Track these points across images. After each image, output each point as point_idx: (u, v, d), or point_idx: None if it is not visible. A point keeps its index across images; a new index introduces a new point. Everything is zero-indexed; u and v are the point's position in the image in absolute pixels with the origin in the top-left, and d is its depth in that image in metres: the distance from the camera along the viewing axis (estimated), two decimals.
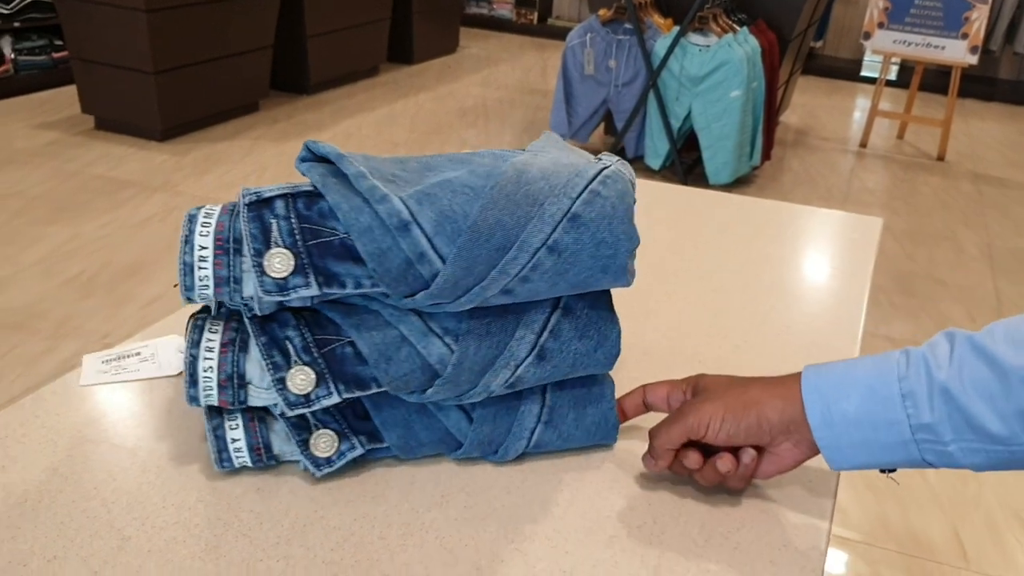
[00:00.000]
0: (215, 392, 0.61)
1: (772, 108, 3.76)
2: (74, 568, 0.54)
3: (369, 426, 0.65)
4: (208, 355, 0.61)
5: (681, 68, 3.53)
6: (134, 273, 2.71)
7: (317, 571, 0.56)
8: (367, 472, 0.65)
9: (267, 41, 4.22)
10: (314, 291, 0.59)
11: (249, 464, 0.63)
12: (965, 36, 4.06)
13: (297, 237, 0.59)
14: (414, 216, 0.59)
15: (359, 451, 0.64)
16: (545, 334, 0.65)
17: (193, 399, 0.61)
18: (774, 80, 3.68)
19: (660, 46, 3.56)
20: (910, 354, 0.60)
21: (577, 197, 0.61)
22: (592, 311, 0.67)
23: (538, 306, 0.65)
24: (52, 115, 4.13)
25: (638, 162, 3.92)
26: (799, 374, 0.63)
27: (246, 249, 0.59)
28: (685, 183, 3.56)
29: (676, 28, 3.53)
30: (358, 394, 0.63)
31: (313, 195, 0.60)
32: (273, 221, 0.59)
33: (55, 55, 4.54)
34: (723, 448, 0.64)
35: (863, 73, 6.09)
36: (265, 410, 0.64)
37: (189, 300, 0.60)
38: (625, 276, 0.64)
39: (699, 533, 0.61)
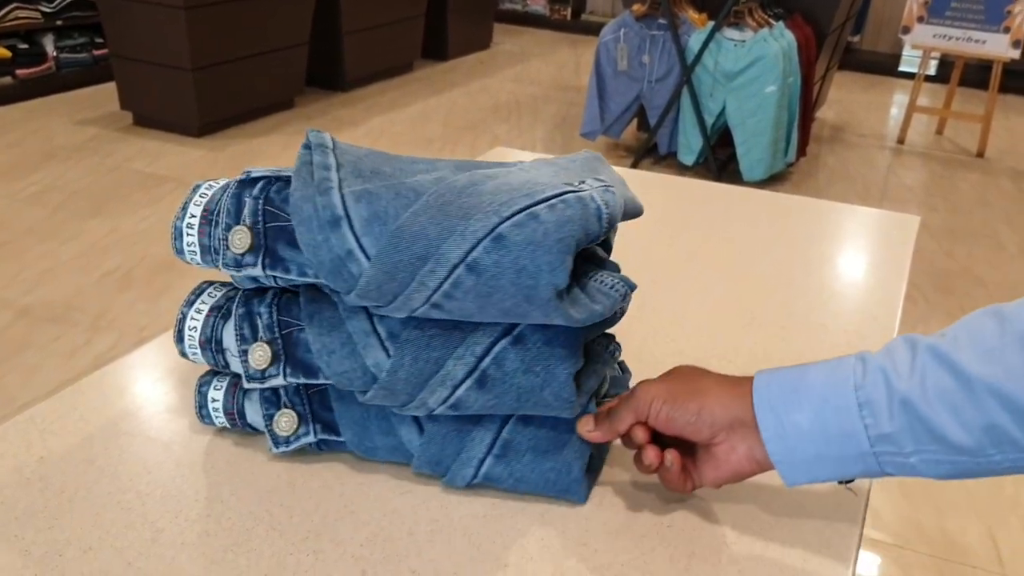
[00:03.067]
0: (198, 352, 0.66)
1: (808, 104, 3.72)
2: (108, 559, 0.55)
3: (330, 416, 0.66)
4: (195, 316, 0.66)
5: (715, 63, 3.50)
6: (171, 267, 2.75)
7: (346, 566, 0.56)
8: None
9: (303, 38, 4.25)
10: (258, 271, 0.62)
11: (227, 425, 0.67)
12: (1007, 30, 3.99)
13: (259, 218, 0.62)
14: (347, 212, 0.59)
15: (311, 438, 0.65)
16: (487, 360, 0.61)
17: (182, 354, 0.66)
18: (810, 75, 3.64)
19: (694, 41, 3.54)
20: (867, 361, 0.57)
21: (510, 217, 0.57)
22: (546, 347, 0.61)
23: (486, 329, 0.61)
24: (92, 111, 4.19)
25: (671, 158, 3.90)
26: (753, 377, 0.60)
27: (222, 223, 0.63)
28: (719, 180, 3.53)
29: (711, 23, 3.50)
30: (304, 380, 0.64)
31: (290, 180, 0.63)
32: (248, 200, 0.62)
33: (96, 52, 4.61)
34: (672, 439, 0.62)
35: (901, 68, 6.00)
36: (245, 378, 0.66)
37: (180, 258, 0.65)
38: (557, 312, 0.58)
39: (730, 532, 0.61)
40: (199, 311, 0.66)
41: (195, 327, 0.65)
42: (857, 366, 0.57)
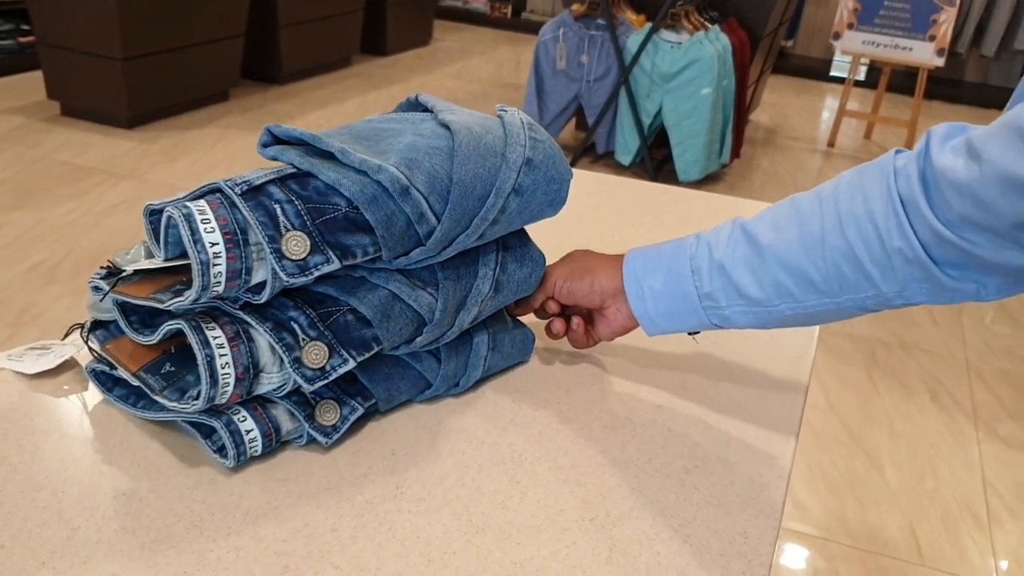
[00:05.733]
0: (231, 388, 0.61)
1: (742, 106, 3.79)
2: (20, 558, 0.54)
3: (358, 387, 0.69)
4: (222, 352, 0.60)
5: (653, 65, 3.54)
6: (99, 261, 2.68)
7: (268, 562, 0.56)
8: (321, 463, 0.65)
9: (239, 30, 4.18)
10: (335, 265, 0.62)
11: (259, 452, 0.65)
12: (932, 38, 4.12)
13: (306, 218, 0.60)
14: (410, 180, 0.64)
15: (360, 411, 0.68)
16: (498, 270, 0.74)
17: (211, 399, 0.61)
18: (744, 78, 3.71)
19: (632, 42, 3.57)
20: (700, 237, 0.73)
21: (525, 144, 0.70)
22: (522, 245, 0.77)
23: (489, 247, 0.74)
24: (17, 100, 4.06)
25: (608, 158, 3.93)
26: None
27: (256, 238, 0.59)
28: (655, 180, 3.58)
29: (648, 24, 3.54)
30: (366, 356, 0.66)
31: (299, 176, 0.62)
32: (276, 206, 0.60)
33: (21, 40, 4.47)
34: (575, 309, 0.80)
35: (832, 73, 6.15)
36: (261, 396, 0.65)
37: (195, 301, 0.59)
38: (563, 205, 0.75)
39: (651, 526, 0.62)
40: (221, 346, 0.60)
41: (227, 363, 0.60)
42: (694, 242, 0.73)
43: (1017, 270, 0.60)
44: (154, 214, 0.63)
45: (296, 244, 0.60)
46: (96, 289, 0.66)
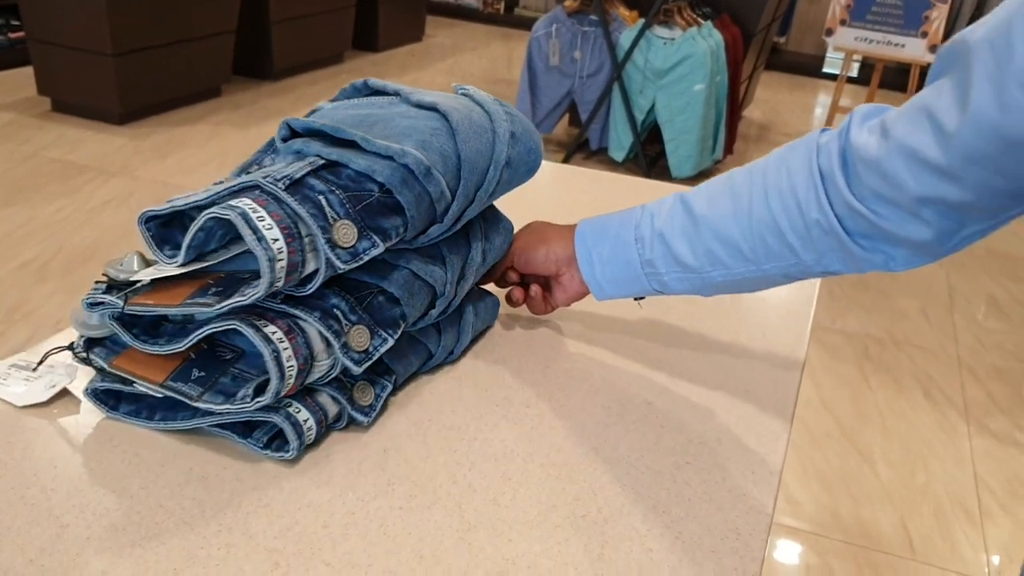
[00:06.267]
0: (294, 380, 0.62)
1: (735, 103, 3.79)
2: (9, 555, 0.54)
3: (383, 367, 0.72)
4: (284, 346, 0.61)
5: (646, 61, 3.54)
6: (89, 258, 2.67)
7: (259, 559, 0.55)
8: (312, 460, 0.65)
9: (230, 26, 4.17)
10: (380, 249, 0.64)
11: (313, 439, 0.66)
12: (924, 35, 4.12)
13: (348, 207, 0.63)
14: (430, 162, 0.67)
15: (389, 388, 0.71)
16: (484, 240, 0.79)
17: (278, 393, 0.61)
18: (737, 75, 3.71)
19: (625, 38, 3.57)
20: (645, 208, 0.77)
21: (506, 119, 0.75)
22: (494, 215, 0.82)
23: (476, 220, 0.78)
24: (8, 96, 4.05)
25: (602, 154, 3.93)
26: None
27: (307, 230, 0.61)
28: (648, 176, 3.58)
29: (641, 20, 3.54)
30: (399, 334, 0.69)
31: (329, 166, 0.65)
32: (320, 197, 0.62)
33: (12, 35, 4.45)
34: (532, 276, 0.84)
35: (825, 69, 6.15)
36: (307, 386, 0.66)
37: (259, 300, 0.60)
38: (536, 171, 0.81)
39: (642, 523, 0.62)
40: (281, 340, 0.61)
41: (289, 356, 0.61)
42: (639, 211, 0.77)
43: (919, 243, 0.64)
44: (151, 220, 0.63)
45: (345, 232, 0.62)
46: (94, 305, 0.64)
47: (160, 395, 0.65)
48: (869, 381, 2.45)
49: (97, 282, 0.66)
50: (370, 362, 0.66)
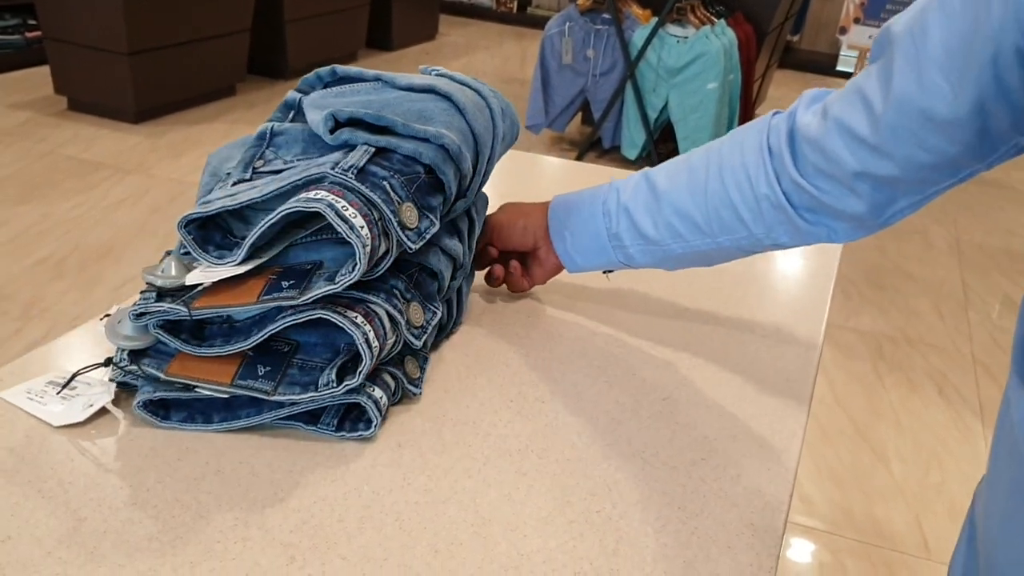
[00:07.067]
0: (375, 361, 0.65)
1: (748, 101, 3.78)
2: (27, 548, 0.54)
3: (419, 331, 0.72)
4: (367, 329, 0.64)
5: (659, 59, 3.54)
6: (105, 255, 2.69)
7: (274, 553, 0.56)
8: (327, 454, 0.65)
9: (244, 24, 4.18)
10: (437, 227, 0.68)
11: (382, 416, 0.67)
12: None
13: (407, 189, 0.66)
14: (458, 143, 0.69)
15: (428, 362, 0.75)
16: (475, 211, 0.82)
17: (364, 375, 0.64)
18: (750, 73, 3.70)
19: (638, 37, 3.57)
20: (612, 184, 0.81)
21: (493, 95, 0.78)
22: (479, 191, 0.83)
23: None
24: (25, 95, 4.07)
25: (615, 152, 3.93)
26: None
27: (380, 214, 0.63)
28: None
29: (654, 19, 3.53)
30: (441, 307, 0.74)
31: (379, 151, 0.67)
32: (384, 183, 0.64)
33: (28, 35, 4.48)
34: (511, 253, 0.87)
35: (839, 68, 6.12)
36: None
37: (367, 274, 0.64)
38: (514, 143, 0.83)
39: (657, 519, 0.62)
40: (365, 326, 0.63)
41: (373, 338, 0.64)
42: (607, 187, 0.81)
43: (857, 216, 0.69)
44: (190, 223, 0.64)
45: (410, 214, 0.65)
46: (140, 315, 0.64)
47: (226, 396, 0.65)
48: (883, 380, 2.43)
49: (143, 292, 0.66)
50: (426, 336, 0.71)
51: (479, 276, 0.91)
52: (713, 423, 0.73)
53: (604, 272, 0.86)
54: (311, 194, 0.61)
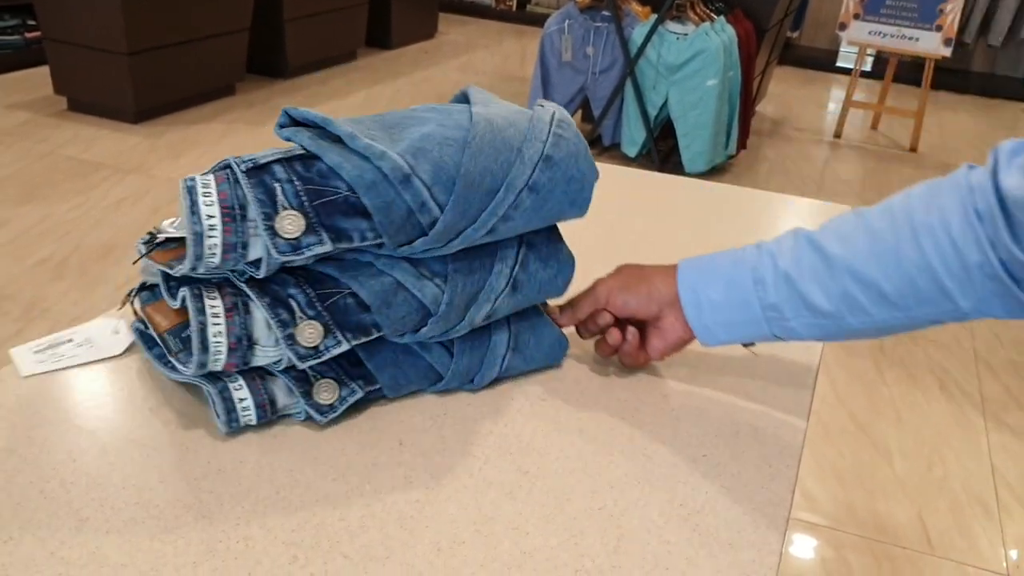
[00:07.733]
0: (223, 356, 0.64)
1: (748, 97, 3.77)
2: (29, 549, 0.54)
3: (363, 371, 0.69)
4: (216, 321, 0.63)
5: (658, 56, 3.53)
6: (105, 256, 2.69)
7: (277, 552, 0.56)
8: (329, 453, 0.65)
9: (244, 24, 4.18)
10: (328, 247, 0.62)
11: (254, 422, 0.66)
12: (939, 28, 4.09)
13: (304, 198, 0.61)
14: (413, 169, 0.63)
15: (359, 394, 0.68)
16: (517, 267, 0.72)
17: (202, 365, 0.63)
18: (750, 69, 3.69)
19: (638, 34, 3.56)
20: (761, 247, 0.72)
21: (546, 140, 0.68)
22: (549, 243, 0.74)
23: (509, 243, 0.72)
24: (24, 95, 4.07)
25: (615, 150, 3.93)
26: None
27: (253, 214, 0.60)
28: (661, 171, 3.57)
29: (654, 16, 3.53)
30: (363, 340, 0.67)
31: (307, 158, 0.63)
32: (277, 185, 0.61)
33: (28, 35, 4.47)
34: (627, 321, 0.77)
35: (839, 64, 6.12)
36: (262, 368, 0.67)
37: (193, 270, 0.61)
38: (587, 206, 0.72)
39: (659, 516, 0.62)
40: (216, 315, 0.62)
41: (219, 332, 0.62)
42: (754, 251, 0.72)
43: None
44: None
45: (290, 223, 0.61)
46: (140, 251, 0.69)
47: (158, 341, 0.69)
48: (884, 376, 2.43)
49: (148, 232, 0.69)
50: (317, 360, 0.65)
51: (576, 344, 0.82)
52: (714, 420, 0.73)
53: (745, 345, 0.77)
54: (200, 174, 0.61)
